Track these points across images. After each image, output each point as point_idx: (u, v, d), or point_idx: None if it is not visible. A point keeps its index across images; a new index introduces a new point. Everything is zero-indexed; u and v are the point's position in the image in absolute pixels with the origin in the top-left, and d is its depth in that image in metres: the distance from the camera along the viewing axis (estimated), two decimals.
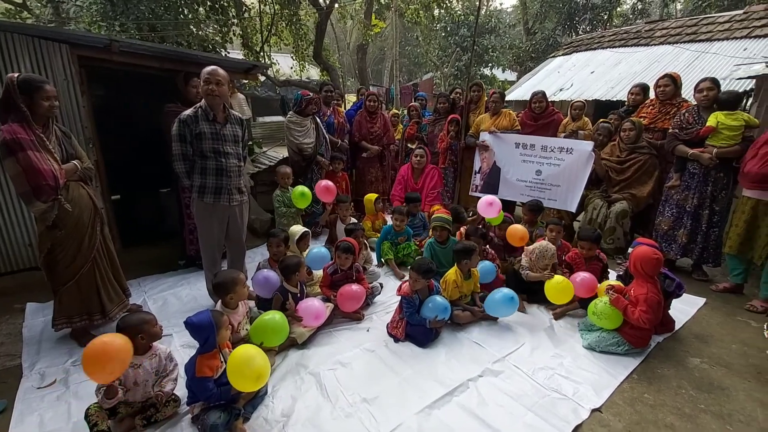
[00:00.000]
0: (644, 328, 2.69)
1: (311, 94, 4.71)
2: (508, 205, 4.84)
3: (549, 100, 5.32)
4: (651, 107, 4.44)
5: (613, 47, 8.67)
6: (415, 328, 2.85)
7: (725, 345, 2.90)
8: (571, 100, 5.44)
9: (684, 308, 3.28)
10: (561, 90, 8.03)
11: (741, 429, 2.16)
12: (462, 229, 3.89)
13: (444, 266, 3.44)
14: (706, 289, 3.71)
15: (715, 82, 3.69)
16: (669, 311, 3.02)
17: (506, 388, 2.45)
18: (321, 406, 2.29)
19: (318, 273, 3.47)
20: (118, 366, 1.80)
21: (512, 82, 16.42)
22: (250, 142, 6.63)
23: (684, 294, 3.03)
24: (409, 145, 5.78)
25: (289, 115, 4.76)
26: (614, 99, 6.84)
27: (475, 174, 5.17)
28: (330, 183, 4.19)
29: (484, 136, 5.02)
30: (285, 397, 2.35)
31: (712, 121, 3.55)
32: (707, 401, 2.36)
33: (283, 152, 5.85)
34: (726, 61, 6.16)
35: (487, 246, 3.66)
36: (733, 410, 2.29)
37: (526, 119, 5.22)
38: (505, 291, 3.01)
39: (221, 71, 2.80)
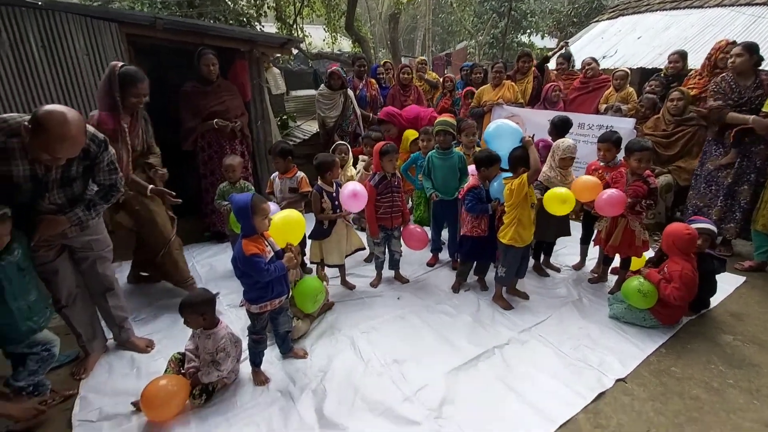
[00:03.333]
0: (675, 307, 2.69)
1: (335, 67, 4.76)
2: None
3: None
4: (699, 77, 4.18)
5: (663, 10, 8.04)
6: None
7: (761, 323, 2.84)
8: (615, 69, 5.18)
9: (722, 286, 3.19)
10: (604, 57, 7.59)
11: None
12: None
13: (439, 182, 3.37)
14: (729, 266, 3.52)
15: (748, 49, 3.42)
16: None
17: (531, 356, 2.54)
18: (355, 364, 2.47)
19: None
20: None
21: (552, 50, 15.59)
22: (284, 116, 6.78)
23: (724, 272, 2.97)
24: None
25: (320, 88, 4.90)
26: (662, 67, 6.43)
27: None
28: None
29: (515, 110, 4.89)
30: (321, 355, 2.55)
31: None
32: (736, 376, 2.36)
33: (316, 126, 5.97)
34: None
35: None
36: (762, 386, 2.28)
37: (574, 84, 5.08)
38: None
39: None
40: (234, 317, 2.95)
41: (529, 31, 17.75)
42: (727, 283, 3.28)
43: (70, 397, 2.23)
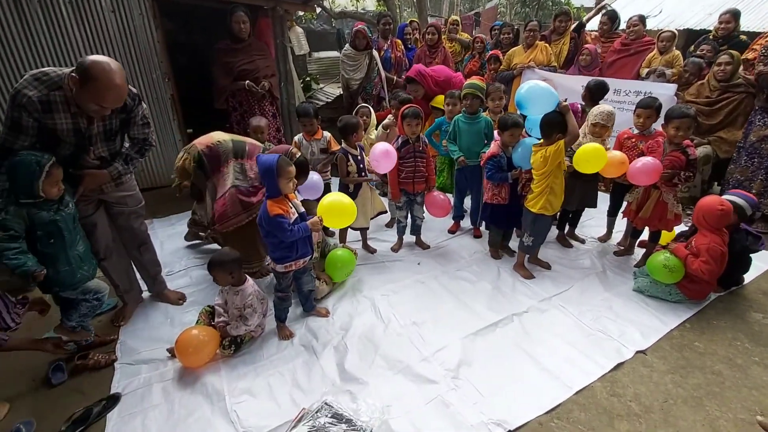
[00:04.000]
0: (703, 282, 2.62)
1: (360, 26, 4.59)
2: None
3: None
4: (766, 39, 3.83)
5: None
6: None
7: None
8: (659, 30, 4.80)
9: (756, 264, 3.07)
10: (647, 17, 7.04)
11: None
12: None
13: (463, 147, 3.31)
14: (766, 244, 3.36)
15: None
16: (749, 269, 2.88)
17: (550, 324, 2.55)
18: (375, 324, 2.54)
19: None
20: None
21: (589, 9, 14.57)
22: (308, 78, 6.68)
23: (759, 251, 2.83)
24: None
25: (345, 48, 4.77)
26: (710, 29, 5.94)
27: None
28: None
29: (547, 75, 4.63)
30: (343, 315, 2.64)
31: None
32: (762, 354, 2.32)
33: (338, 89, 5.86)
34: None
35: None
36: None
37: (614, 46, 4.76)
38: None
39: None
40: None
41: None
42: (762, 260, 3.14)
43: (112, 341, 2.40)
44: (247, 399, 2.03)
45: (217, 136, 2.67)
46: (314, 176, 2.94)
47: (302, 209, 2.27)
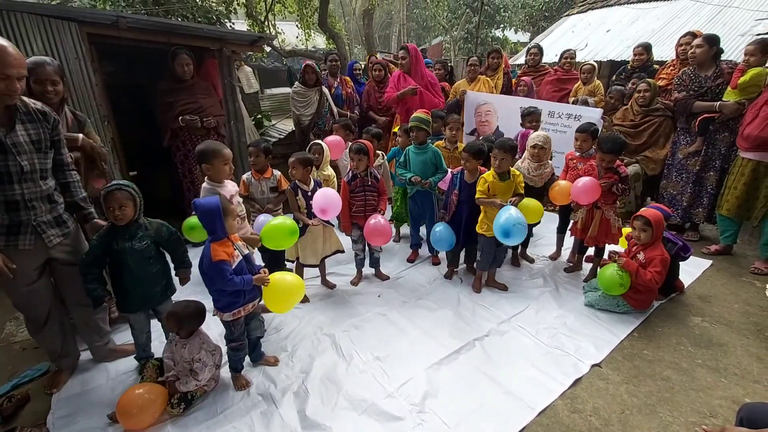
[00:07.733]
0: (647, 292, 2.79)
1: (311, 62, 4.72)
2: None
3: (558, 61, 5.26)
4: (672, 68, 4.32)
5: (630, 3, 8.28)
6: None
7: (727, 304, 2.97)
8: (583, 62, 5.29)
9: (690, 270, 3.33)
10: (575, 50, 7.75)
11: (735, 381, 2.27)
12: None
13: (414, 173, 3.41)
14: (697, 251, 3.67)
15: (708, 40, 3.57)
16: (679, 276, 3.10)
17: (511, 346, 2.59)
18: (337, 363, 2.46)
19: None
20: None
21: (525, 44, 15.85)
22: (259, 115, 6.68)
23: (691, 257, 3.07)
24: None
25: (294, 86, 4.85)
26: (629, 59, 6.62)
27: (467, 137, 5.05)
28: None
29: (487, 98, 4.93)
30: (303, 356, 2.53)
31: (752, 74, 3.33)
32: (704, 356, 2.47)
33: (291, 125, 5.89)
34: (749, 15, 5.87)
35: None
36: (729, 364, 2.39)
37: (547, 79, 5.20)
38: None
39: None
40: (212, 323, 2.88)
41: (502, 25, 18.00)
42: (694, 267, 3.41)
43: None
44: None
45: None
46: (261, 217, 2.90)
47: (246, 251, 2.19)
